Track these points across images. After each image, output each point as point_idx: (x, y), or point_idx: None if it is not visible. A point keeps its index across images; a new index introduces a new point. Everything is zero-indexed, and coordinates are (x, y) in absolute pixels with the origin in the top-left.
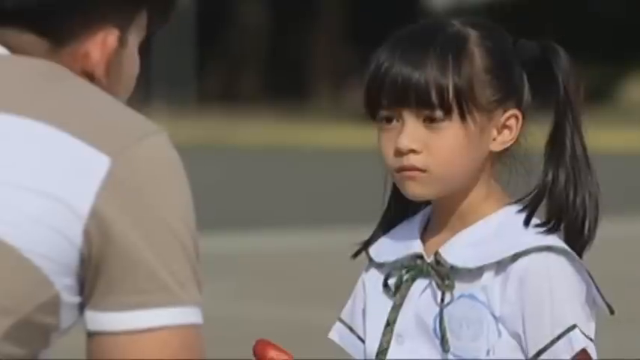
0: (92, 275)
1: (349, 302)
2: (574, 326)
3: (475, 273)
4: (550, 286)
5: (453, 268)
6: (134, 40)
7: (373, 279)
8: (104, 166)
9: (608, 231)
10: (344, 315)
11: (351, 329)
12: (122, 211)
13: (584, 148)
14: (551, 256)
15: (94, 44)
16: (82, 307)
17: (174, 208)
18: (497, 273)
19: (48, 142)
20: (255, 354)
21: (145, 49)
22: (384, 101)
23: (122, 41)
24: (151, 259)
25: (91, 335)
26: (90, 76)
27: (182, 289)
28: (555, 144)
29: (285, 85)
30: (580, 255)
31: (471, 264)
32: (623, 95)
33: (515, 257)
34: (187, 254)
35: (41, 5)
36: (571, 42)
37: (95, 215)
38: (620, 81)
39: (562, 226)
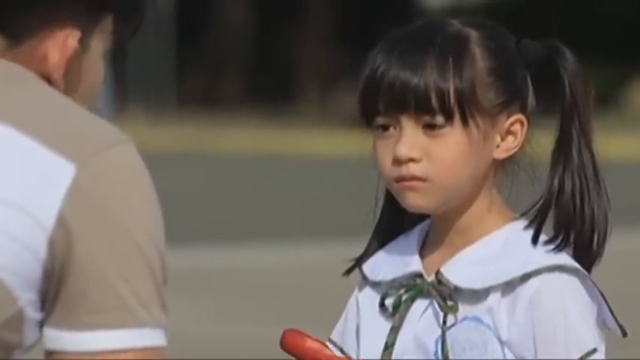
0: (54, 290)
1: (340, 322)
2: (594, 350)
3: (480, 294)
4: (563, 308)
5: (456, 288)
6: (97, 46)
7: (368, 298)
8: (69, 174)
9: (618, 244)
10: (334, 335)
11: (342, 350)
12: (86, 223)
13: (593, 156)
14: (563, 277)
15: (53, 45)
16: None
17: (140, 222)
18: (504, 294)
19: (9, 147)
20: (286, 346)
21: (120, 50)
22: (381, 107)
23: (84, 45)
24: (113, 275)
25: (49, 354)
26: (46, 80)
27: (144, 308)
28: (561, 151)
29: (271, 89)
30: (588, 270)
31: (477, 284)
32: (631, 99)
33: (525, 277)
34: (152, 271)
35: None
36: (577, 43)
37: (60, 226)
38: (628, 84)
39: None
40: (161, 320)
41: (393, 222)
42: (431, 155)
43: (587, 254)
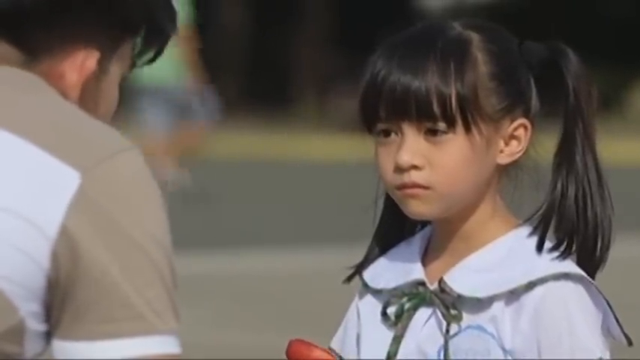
0: (60, 301)
1: (340, 330)
2: (600, 359)
3: (484, 302)
4: (568, 316)
5: (460, 297)
6: (116, 70)
7: (369, 307)
8: (74, 182)
9: (621, 250)
10: (334, 344)
11: (341, 358)
12: (93, 231)
13: (596, 160)
14: (568, 285)
15: (71, 65)
16: (48, 336)
17: (147, 229)
18: (508, 303)
19: (14, 154)
20: (292, 355)
21: None
22: (382, 113)
23: (102, 67)
24: (124, 284)
25: None
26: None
27: (157, 316)
28: (564, 155)
29: (268, 92)
30: (592, 277)
31: (481, 293)
32: (634, 102)
33: (530, 286)
34: (163, 279)
35: (15, 10)
36: (579, 44)
37: (64, 235)
38: (631, 87)
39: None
40: (174, 327)
41: (394, 227)
42: (433, 162)
43: (590, 260)
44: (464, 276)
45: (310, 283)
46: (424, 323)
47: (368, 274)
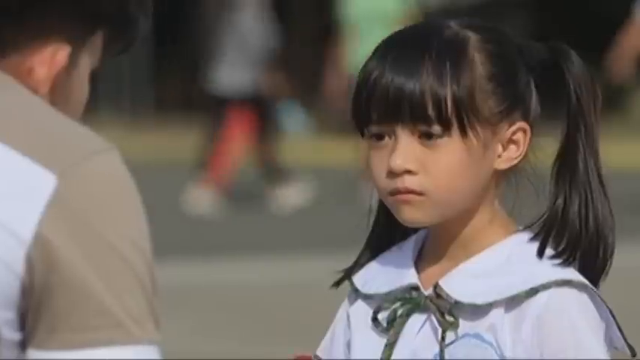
0: (35, 308)
1: (327, 337)
2: None
3: (482, 309)
4: (573, 324)
5: (457, 303)
6: (86, 63)
7: (360, 312)
8: (50, 185)
9: (625, 258)
10: (321, 351)
11: None
12: (69, 236)
13: (598, 165)
14: (572, 292)
15: (40, 60)
16: (23, 345)
17: (126, 234)
18: (507, 310)
19: None
20: None
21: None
22: (374, 116)
23: (72, 61)
24: (102, 291)
25: None
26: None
27: (137, 325)
28: (566, 162)
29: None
30: (596, 284)
31: (479, 299)
32: (635, 102)
33: (532, 292)
34: (143, 286)
35: None
36: (577, 44)
37: (39, 240)
38: (632, 87)
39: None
40: (154, 336)
41: (388, 232)
42: (427, 167)
43: (593, 267)
44: (461, 281)
45: (296, 292)
46: (418, 330)
47: (358, 279)
